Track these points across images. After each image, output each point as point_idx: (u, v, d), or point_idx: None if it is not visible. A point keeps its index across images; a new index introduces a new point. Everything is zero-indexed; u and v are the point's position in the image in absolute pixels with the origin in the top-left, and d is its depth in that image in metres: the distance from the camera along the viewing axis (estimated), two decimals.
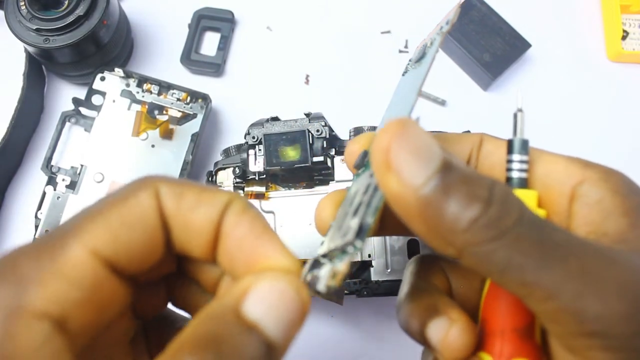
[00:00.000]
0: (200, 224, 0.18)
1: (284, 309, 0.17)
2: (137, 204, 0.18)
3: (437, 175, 0.17)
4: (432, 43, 0.24)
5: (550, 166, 0.21)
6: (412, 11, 0.53)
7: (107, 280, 0.17)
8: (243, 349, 0.15)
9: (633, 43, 0.52)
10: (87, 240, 0.16)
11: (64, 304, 0.15)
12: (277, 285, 0.17)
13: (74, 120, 0.45)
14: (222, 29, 0.51)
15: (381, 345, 0.44)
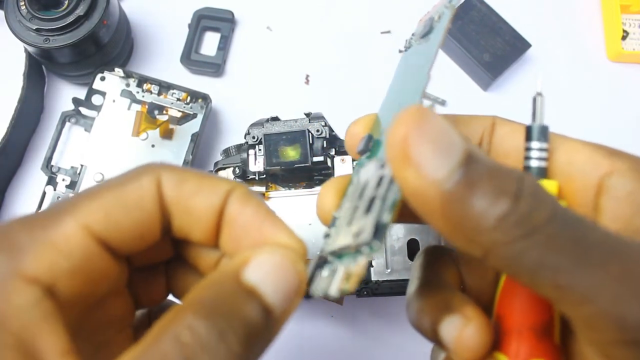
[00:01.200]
0: (202, 209, 0.19)
1: (282, 278, 0.17)
2: (136, 187, 0.18)
3: (461, 168, 0.16)
4: (440, 17, 0.21)
5: (573, 155, 0.20)
6: (412, 11, 0.53)
7: (98, 255, 0.17)
8: (242, 311, 0.16)
9: (633, 43, 0.52)
10: (80, 217, 0.17)
11: (54, 272, 0.16)
12: (275, 255, 0.17)
13: (74, 120, 0.45)
14: (222, 29, 0.51)
15: (381, 345, 0.44)
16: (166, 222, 0.19)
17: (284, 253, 0.18)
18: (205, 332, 0.15)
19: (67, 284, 0.17)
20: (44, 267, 0.16)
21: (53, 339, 0.16)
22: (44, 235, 0.17)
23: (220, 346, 0.15)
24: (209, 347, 0.15)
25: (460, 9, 0.50)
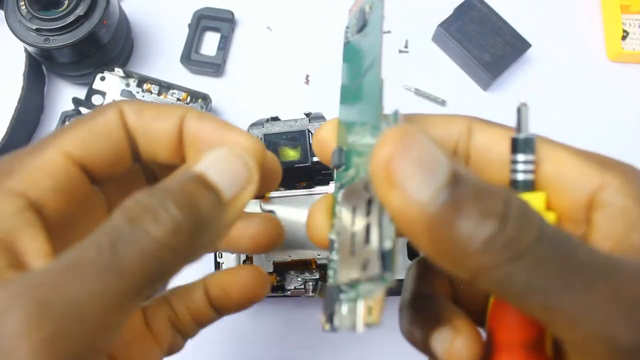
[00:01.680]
0: (161, 131, 0.21)
1: (228, 166, 0.19)
2: (103, 118, 0.21)
3: (446, 190, 0.15)
4: (371, 8, 0.20)
5: (562, 168, 0.19)
6: (412, 11, 0.53)
7: (77, 177, 0.20)
8: (186, 186, 0.17)
9: (633, 43, 0.52)
10: (61, 145, 0.20)
11: (37, 189, 0.19)
12: (222, 149, 0.19)
13: (74, 120, 0.45)
14: (222, 29, 0.51)
15: (381, 345, 0.44)
16: (134, 149, 0.21)
17: (232, 147, 0.19)
18: (148, 200, 0.17)
19: (49, 201, 0.19)
20: (29, 184, 0.18)
21: (34, 243, 0.18)
22: (31, 160, 0.19)
23: (161, 210, 0.16)
24: (151, 209, 0.16)
25: (460, 9, 0.50)
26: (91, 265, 0.16)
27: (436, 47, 0.52)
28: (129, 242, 0.16)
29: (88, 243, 0.16)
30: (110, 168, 0.21)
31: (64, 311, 0.15)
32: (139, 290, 0.16)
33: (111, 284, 0.16)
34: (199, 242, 0.17)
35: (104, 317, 0.16)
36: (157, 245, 0.16)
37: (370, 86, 0.19)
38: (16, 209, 0.18)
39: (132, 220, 0.16)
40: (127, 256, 0.16)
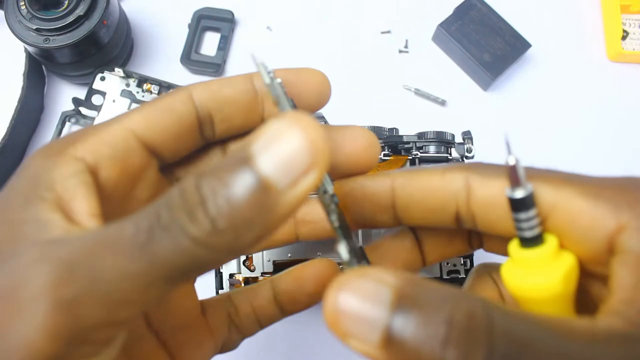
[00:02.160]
0: (235, 92, 0.22)
1: (285, 145, 0.15)
2: (170, 97, 0.21)
3: (386, 329, 0.16)
4: (276, 101, 0.21)
5: (572, 217, 0.18)
6: (412, 11, 0.53)
7: (136, 149, 0.20)
8: (229, 180, 0.15)
9: (633, 43, 0.52)
10: (125, 121, 0.20)
11: (96, 155, 0.19)
12: (282, 122, 0.16)
13: (74, 120, 0.45)
14: (222, 29, 0.51)
15: None
16: (206, 126, 0.22)
17: (295, 117, 0.16)
18: (191, 191, 0.16)
19: (104, 168, 0.20)
20: (89, 150, 0.19)
21: (85, 203, 0.18)
22: (96, 132, 0.20)
23: (200, 209, 0.15)
24: (190, 204, 0.15)
25: (460, 9, 0.50)
26: (125, 243, 0.16)
27: (436, 47, 0.52)
28: (165, 233, 0.15)
29: (130, 221, 0.16)
30: (175, 143, 0.21)
31: (90, 278, 0.16)
32: (167, 278, 0.16)
33: (140, 267, 0.16)
34: (240, 241, 0.16)
35: (126, 294, 0.16)
36: (190, 243, 0.15)
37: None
38: (74, 171, 0.19)
39: (172, 211, 0.16)
40: (160, 246, 0.15)
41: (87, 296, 0.15)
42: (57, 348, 0.15)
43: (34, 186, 0.18)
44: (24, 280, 0.16)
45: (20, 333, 0.15)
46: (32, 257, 0.16)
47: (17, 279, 0.16)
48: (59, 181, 0.18)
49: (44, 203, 0.18)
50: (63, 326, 0.15)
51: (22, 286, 0.16)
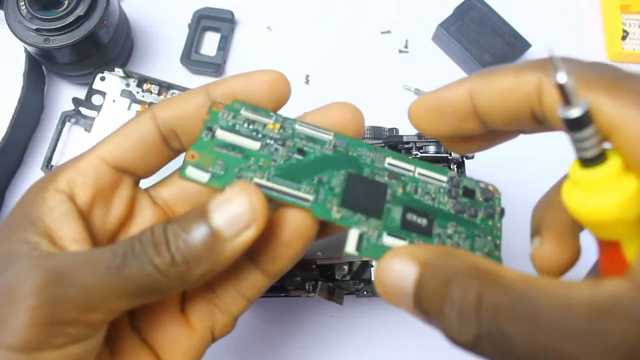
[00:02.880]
0: (191, 110, 0.25)
1: (234, 204, 0.21)
2: (134, 121, 0.25)
3: (414, 302, 0.21)
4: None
5: (637, 135, 0.17)
6: (412, 11, 0.53)
7: (107, 172, 0.24)
8: (189, 226, 0.21)
9: (633, 43, 0.52)
10: (96, 150, 0.25)
11: (72, 184, 0.24)
12: (233, 188, 0.21)
13: (74, 120, 0.45)
14: (222, 29, 0.51)
15: (381, 345, 0.44)
16: (172, 138, 0.25)
17: (242, 185, 0.21)
18: (159, 232, 0.21)
19: (81, 192, 0.24)
20: (66, 181, 0.23)
21: (69, 230, 0.22)
22: (71, 164, 0.24)
23: (163, 246, 0.21)
24: (157, 241, 0.21)
25: (460, 9, 0.50)
26: (103, 263, 0.21)
27: (436, 47, 0.52)
28: (135, 260, 0.20)
29: (108, 248, 0.21)
30: (144, 159, 0.25)
31: (71, 285, 0.20)
32: (131, 296, 0.21)
33: (112, 282, 0.20)
34: (192, 273, 0.21)
35: (97, 302, 0.20)
36: (154, 271, 0.20)
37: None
38: (57, 203, 0.23)
39: (143, 244, 0.21)
40: (131, 269, 0.20)
41: (66, 298, 0.20)
42: (37, 334, 0.20)
43: (26, 217, 0.23)
44: (19, 281, 0.20)
45: (13, 321, 0.20)
46: (27, 265, 0.21)
47: (14, 280, 0.20)
48: (46, 213, 0.23)
49: (35, 230, 0.22)
50: (43, 318, 0.20)
51: (17, 286, 0.20)
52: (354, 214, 0.23)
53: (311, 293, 0.37)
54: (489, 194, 0.25)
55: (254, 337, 0.44)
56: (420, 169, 0.25)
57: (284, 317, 0.44)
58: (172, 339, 0.25)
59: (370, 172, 0.25)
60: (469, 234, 0.24)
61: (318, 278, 0.38)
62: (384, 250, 0.23)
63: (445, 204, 0.25)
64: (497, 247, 0.25)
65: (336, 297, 0.38)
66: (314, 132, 0.25)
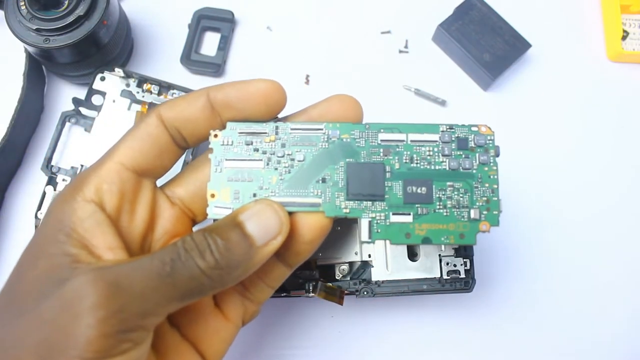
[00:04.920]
0: (195, 111, 0.26)
1: (265, 218, 0.24)
2: (143, 124, 0.26)
3: None
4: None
5: None
6: (412, 11, 0.53)
7: (130, 177, 0.26)
8: (227, 235, 0.24)
9: (633, 43, 0.52)
10: (114, 156, 0.26)
11: (100, 193, 0.25)
12: (263, 204, 0.25)
13: (74, 120, 0.45)
14: (222, 29, 0.51)
15: (381, 345, 0.44)
16: (179, 138, 0.27)
17: (270, 202, 0.25)
18: (200, 240, 0.24)
19: (109, 200, 0.25)
20: (93, 191, 0.25)
21: (103, 238, 0.24)
22: (94, 173, 0.26)
23: (207, 250, 0.23)
24: (201, 247, 0.23)
25: (460, 9, 0.50)
26: (155, 272, 0.23)
27: (436, 47, 0.52)
28: (183, 266, 0.23)
29: (156, 256, 0.23)
30: (159, 160, 0.27)
31: (129, 295, 0.22)
32: (181, 298, 0.23)
33: (164, 289, 0.23)
34: (231, 275, 0.24)
35: (154, 308, 0.22)
36: (200, 273, 0.23)
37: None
38: (89, 213, 0.24)
39: (188, 251, 0.23)
40: (179, 274, 0.23)
41: (127, 308, 0.22)
42: (107, 343, 0.21)
43: (60, 230, 0.24)
44: (81, 295, 0.22)
45: (82, 333, 0.21)
46: (86, 279, 0.22)
47: (76, 295, 0.22)
48: (78, 224, 0.24)
49: (71, 241, 0.23)
50: (112, 328, 0.21)
51: (81, 300, 0.22)
52: (360, 203, 0.26)
53: (311, 293, 0.37)
54: (481, 138, 0.26)
55: (254, 337, 0.44)
56: (412, 134, 0.26)
57: (284, 317, 0.44)
58: (210, 331, 0.28)
59: (367, 154, 0.26)
60: (467, 188, 0.26)
61: (318, 278, 0.38)
62: (394, 230, 0.25)
63: (440, 164, 0.26)
64: (495, 192, 0.26)
65: (336, 297, 0.38)
66: (307, 132, 0.27)
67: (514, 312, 0.45)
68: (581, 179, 0.48)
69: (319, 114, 0.28)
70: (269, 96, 0.27)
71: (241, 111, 0.27)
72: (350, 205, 0.26)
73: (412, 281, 0.38)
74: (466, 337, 0.45)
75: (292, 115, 0.29)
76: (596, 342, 0.45)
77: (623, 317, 0.46)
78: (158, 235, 0.27)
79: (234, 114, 0.27)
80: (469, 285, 0.38)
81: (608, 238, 0.47)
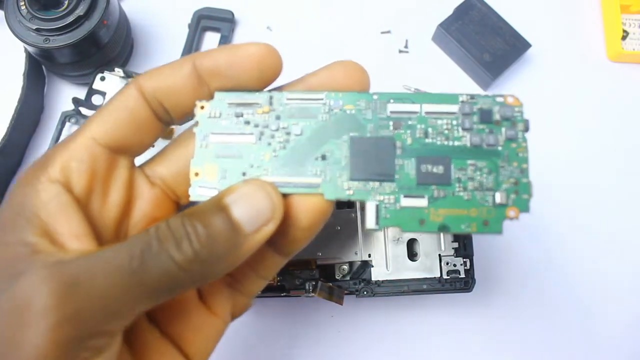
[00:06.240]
0: (180, 81, 0.23)
1: (254, 201, 0.21)
2: (120, 95, 0.23)
3: None
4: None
5: None
6: (412, 11, 0.53)
7: (101, 154, 0.22)
8: (210, 221, 0.20)
9: (633, 43, 0.52)
10: (87, 132, 0.22)
11: (67, 172, 0.22)
12: (252, 184, 0.21)
13: (74, 120, 0.45)
14: (222, 29, 0.51)
15: (381, 345, 0.44)
16: (161, 111, 0.23)
17: (261, 182, 0.21)
18: (177, 226, 0.20)
19: (77, 179, 0.22)
20: (59, 169, 0.22)
21: (68, 224, 0.21)
22: (61, 149, 0.22)
23: (184, 239, 0.20)
24: (176, 236, 0.20)
25: (460, 9, 0.50)
26: (120, 267, 0.19)
27: (436, 47, 0.52)
28: (154, 259, 0.19)
29: (123, 248, 0.20)
30: (137, 136, 0.23)
31: (89, 296, 0.19)
32: (152, 297, 0.20)
33: (132, 287, 0.19)
34: (213, 268, 0.20)
35: (118, 308, 0.19)
36: (175, 268, 0.19)
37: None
38: (53, 195, 0.21)
39: (161, 241, 0.19)
40: (150, 269, 0.19)
41: (86, 311, 0.19)
42: (63, 354, 0.18)
43: (20, 214, 0.21)
44: (32, 297, 0.18)
45: (32, 343, 0.18)
46: (38, 277, 0.19)
47: (25, 296, 0.19)
48: (41, 208, 0.21)
49: (31, 228, 0.20)
50: (67, 335, 0.18)
51: (31, 303, 0.18)
52: (366, 184, 0.22)
53: (311, 293, 0.37)
54: (508, 110, 0.23)
55: (254, 337, 0.44)
56: (426, 105, 0.23)
57: (284, 317, 0.44)
58: (194, 328, 0.25)
59: (374, 127, 0.23)
60: (491, 168, 0.22)
61: (318, 278, 0.38)
62: (406, 215, 0.21)
63: (460, 139, 0.22)
64: (525, 173, 0.23)
65: (336, 297, 0.38)
66: (305, 102, 0.24)
67: (513, 312, 0.45)
68: (581, 178, 0.48)
69: (319, 83, 0.25)
70: (262, 61, 0.23)
71: (231, 79, 0.23)
72: (354, 186, 0.22)
73: (412, 281, 0.38)
74: (466, 337, 0.45)
75: (288, 84, 0.26)
76: (596, 342, 0.45)
77: (623, 318, 0.46)
78: (136, 220, 0.24)
79: (223, 83, 0.23)
80: (469, 285, 0.38)
81: (608, 238, 0.47)
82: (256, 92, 0.24)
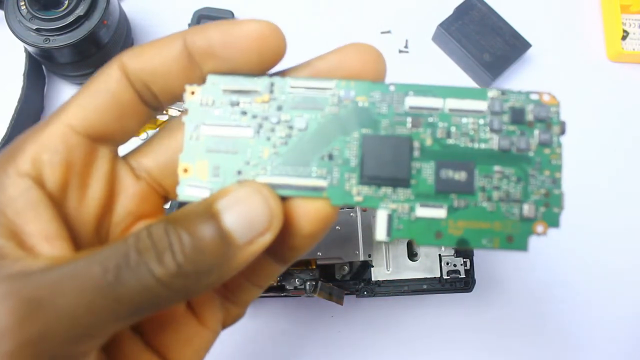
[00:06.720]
0: (168, 60, 0.20)
1: (247, 207, 0.18)
2: (101, 76, 0.20)
3: None
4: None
5: None
6: (412, 11, 0.53)
7: (79, 144, 0.20)
8: (197, 230, 0.17)
9: (633, 43, 0.52)
10: (61, 117, 0.20)
11: (39, 165, 0.19)
12: (247, 188, 0.18)
13: None
14: None
15: (381, 345, 0.44)
16: (147, 95, 0.20)
17: (258, 186, 0.18)
18: (159, 236, 0.17)
19: (51, 173, 0.19)
20: (29, 161, 0.19)
21: (39, 224, 0.18)
22: (33, 137, 0.19)
23: (167, 252, 0.17)
24: (158, 247, 0.17)
25: (460, 9, 0.50)
26: (92, 282, 0.17)
27: (436, 47, 0.52)
28: (131, 272, 0.17)
29: (96, 259, 0.17)
30: (121, 123, 0.20)
31: (55, 315, 0.16)
32: (128, 315, 0.17)
33: (105, 304, 0.17)
34: (199, 283, 0.18)
35: (89, 329, 0.17)
36: (154, 283, 0.17)
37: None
38: (21, 190, 0.18)
39: (140, 252, 0.17)
40: (127, 285, 0.17)
41: (51, 332, 0.16)
42: None
43: None
44: None
45: None
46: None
47: None
48: (8, 205, 0.18)
49: None
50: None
51: None
52: (378, 189, 0.19)
53: (311, 293, 0.37)
54: (543, 109, 0.21)
55: (254, 337, 0.44)
56: (451, 100, 0.20)
57: (284, 317, 0.44)
58: (181, 339, 0.22)
59: (389, 123, 0.20)
60: (520, 176, 0.20)
61: (318, 278, 0.38)
62: (421, 226, 0.19)
63: (487, 141, 0.20)
64: (557, 183, 0.20)
65: (336, 297, 0.38)
66: (311, 92, 0.21)
67: (513, 312, 0.45)
68: (580, 178, 0.48)
69: (328, 69, 0.22)
70: (262, 41, 0.21)
71: (227, 60, 0.20)
72: (364, 191, 0.19)
73: (412, 281, 0.38)
74: (466, 337, 0.45)
75: (292, 68, 0.23)
76: (596, 343, 0.45)
77: (624, 319, 0.46)
78: (118, 217, 0.21)
79: (218, 65, 0.20)
80: (469, 285, 0.38)
81: (608, 237, 0.47)
82: (255, 77, 0.21)
